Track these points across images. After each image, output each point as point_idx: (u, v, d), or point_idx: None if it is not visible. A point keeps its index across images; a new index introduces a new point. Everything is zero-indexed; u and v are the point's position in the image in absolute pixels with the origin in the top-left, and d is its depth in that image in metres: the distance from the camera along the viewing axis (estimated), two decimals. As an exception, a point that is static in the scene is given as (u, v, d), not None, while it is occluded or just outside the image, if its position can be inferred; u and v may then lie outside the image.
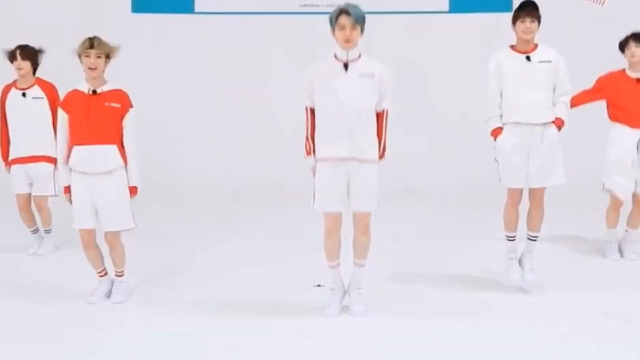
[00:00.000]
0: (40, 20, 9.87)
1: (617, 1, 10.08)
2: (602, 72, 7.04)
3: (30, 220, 7.41)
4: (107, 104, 5.71)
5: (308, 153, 5.50)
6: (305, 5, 10.47)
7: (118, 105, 5.74)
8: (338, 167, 5.42)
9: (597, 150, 7.13)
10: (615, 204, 7.01)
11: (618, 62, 6.94)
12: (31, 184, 7.23)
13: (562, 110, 5.91)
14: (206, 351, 5.08)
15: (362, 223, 5.56)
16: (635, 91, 6.82)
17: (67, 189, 5.84)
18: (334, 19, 5.35)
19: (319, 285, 5.99)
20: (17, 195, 7.29)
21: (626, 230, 7.11)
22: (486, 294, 6.09)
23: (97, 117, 5.68)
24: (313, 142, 5.48)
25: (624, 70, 6.93)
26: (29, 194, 7.29)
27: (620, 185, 6.88)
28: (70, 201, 5.82)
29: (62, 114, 5.79)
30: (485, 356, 5.00)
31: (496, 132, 5.96)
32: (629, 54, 6.84)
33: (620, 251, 7.09)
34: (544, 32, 6.04)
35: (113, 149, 5.73)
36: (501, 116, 5.95)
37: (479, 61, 9.71)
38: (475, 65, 9.84)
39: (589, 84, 7.09)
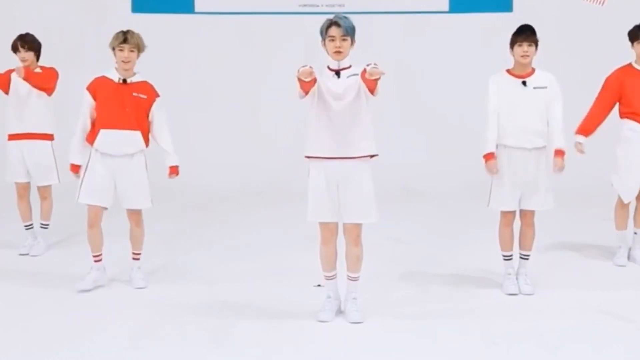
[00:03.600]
0: (41, 20, 9.85)
1: (617, 1, 10.09)
2: (602, 72, 6.84)
3: (26, 213, 7.23)
4: (134, 94, 6.06)
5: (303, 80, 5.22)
6: (305, 5, 10.48)
7: (144, 97, 6.11)
8: (329, 173, 5.36)
9: (603, 151, 6.98)
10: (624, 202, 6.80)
11: (617, 61, 6.83)
12: (28, 172, 7.14)
13: (561, 140, 5.92)
14: (206, 351, 5.09)
15: (352, 234, 5.49)
16: None
17: (76, 168, 6.11)
18: (324, 31, 5.33)
19: (318, 285, 5.99)
20: (16, 183, 7.17)
21: (635, 233, 6.85)
22: (486, 294, 6.09)
23: (126, 105, 6.01)
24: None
25: (630, 64, 6.68)
26: (28, 184, 7.19)
27: (626, 186, 6.69)
28: (78, 176, 6.08)
29: (88, 97, 6.07)
30: (485, 356, 5.00)
31: (488, 157, 5.95)
32: None
33: (632, 257, 6.81)
34: (544, 33, 6.03)
35: (138, 134, 6.08)
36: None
37: (478, 61, 9.80)
38: (474, 66, 9.93)
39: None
